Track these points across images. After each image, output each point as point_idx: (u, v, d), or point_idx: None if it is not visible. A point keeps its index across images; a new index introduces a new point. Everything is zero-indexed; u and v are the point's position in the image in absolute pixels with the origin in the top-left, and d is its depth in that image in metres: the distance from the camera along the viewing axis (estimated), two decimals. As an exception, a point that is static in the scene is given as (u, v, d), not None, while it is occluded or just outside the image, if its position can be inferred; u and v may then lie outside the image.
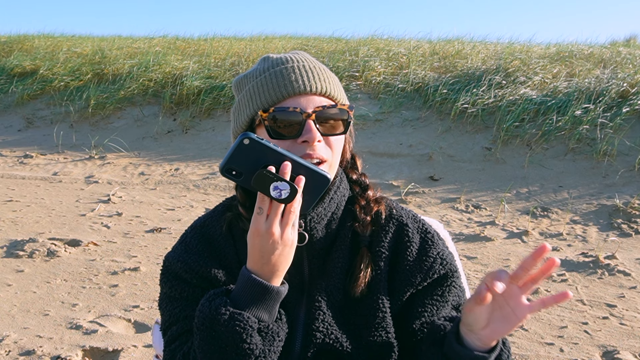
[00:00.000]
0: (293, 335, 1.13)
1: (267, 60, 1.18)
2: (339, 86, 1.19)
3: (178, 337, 1.13)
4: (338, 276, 1.15)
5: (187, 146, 7.44)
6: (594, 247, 4.25)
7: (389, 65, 8.28)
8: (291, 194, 0.96)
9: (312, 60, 1.19)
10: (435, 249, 1.20)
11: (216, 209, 1.26)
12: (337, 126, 1.13)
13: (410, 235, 1.20)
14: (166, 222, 4.97)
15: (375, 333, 1.13)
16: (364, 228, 1.18)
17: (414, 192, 5.62)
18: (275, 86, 1.11)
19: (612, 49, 9.03)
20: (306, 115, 1.09)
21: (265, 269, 1.00)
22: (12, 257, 4.05)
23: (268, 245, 0.98)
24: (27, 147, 7.89)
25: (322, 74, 1.15)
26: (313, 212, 1.14)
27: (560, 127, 6.24)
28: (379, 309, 1.14)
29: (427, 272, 1.17)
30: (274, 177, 0.96)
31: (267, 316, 1.01)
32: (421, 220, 1.25)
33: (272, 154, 0.98)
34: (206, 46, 10.34)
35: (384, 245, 1.18)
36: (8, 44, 11.68)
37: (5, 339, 2.86)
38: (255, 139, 0.97)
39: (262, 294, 1.00)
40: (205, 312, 1.00)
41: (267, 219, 0.98)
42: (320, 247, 1.17)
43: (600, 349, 2.82)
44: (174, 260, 1.18)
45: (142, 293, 3.48)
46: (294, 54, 1.19)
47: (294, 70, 1.13)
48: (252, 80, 1.16)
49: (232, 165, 0.98)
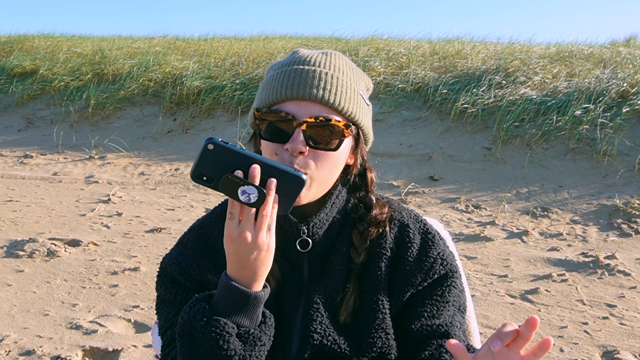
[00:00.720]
0: (290, 337, 1.12)
1: (293, 55, 1.15)
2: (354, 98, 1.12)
3: (172, 341, 1.12)
4: (337, 278, 1.15)
5: (187, 146, 7.44)
6: (594, 247, 4.25)
7: (389, 65, 8.28)
8: (260, 198, 0.94)
9: (335, 65, 1.13)
10: (436, 249, 1.19)
11: (214, 210, 1.25)
12: (329, 141, 1.08)
13: (412, 236, 1.19)
14: (166, 222, 4.97)
15: (375, 335, 1.12)
16: (358, 255, 1.15)
17: (414, 192, 5.62)
18: (280, 86, 1.09)
19: (612, 49, 9.03)
20: (297, 124, 1.05)
21: (242, 274, 0.99)
22: (12, 257, 4.05)
23: (242, 251, 0.96)
24: (27, 147, 7.89)
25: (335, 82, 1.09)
26: (316, 218, 1.13)
27: (560, 127, 6.24)
28: (378, 310, 1.13)
29: (427, 272, 1.16)
30: (240, 181, 0.93)
31: (247, 321, 1.00)
32: (422, 221, 1.25)
33: (239, 158, 0.95)
34: (206, 46, 10.34)
35: (385, 246, 1.18)
36: (8, 44, 11.68)
37: (5, 339, 2.86)
38: (219, 144, 0.94)
39: (239, 299, 0.99)
40: (185, 318, 1.00)
41: (240, 224, 0.96)
42: (321, 251, 1.16)
43: (600, 349, 2.82)
44: (170, 263, 1.17)
45: (142, 293, 3.48)
46: (322, 54, 1.14)
47: (305, 73, 1.08)
48: (273, 71, 1.15)
49: (201, 171, 0.95)
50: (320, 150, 1.08)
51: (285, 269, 1.16)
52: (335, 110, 1.08)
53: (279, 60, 1.18)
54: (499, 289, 3.54)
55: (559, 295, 3.45)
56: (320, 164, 1.08)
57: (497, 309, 3.27)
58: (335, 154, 1.10)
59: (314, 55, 1.13)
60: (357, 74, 1.17)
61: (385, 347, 1.13)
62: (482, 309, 3.25)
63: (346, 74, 1.13)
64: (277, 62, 1.17)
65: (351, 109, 1.10)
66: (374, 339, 1.12)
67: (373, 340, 1.12)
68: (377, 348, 1.12)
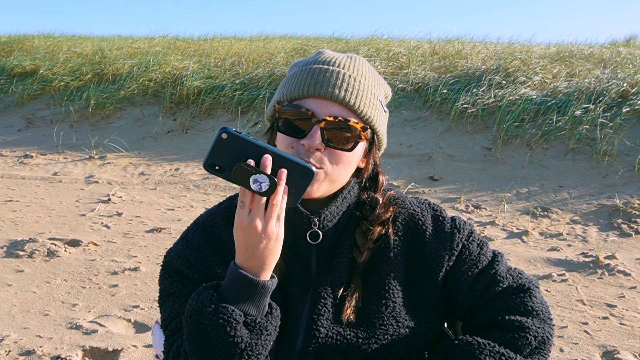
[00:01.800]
0: (296, 330, 1.14)
1: (318, 55, 1.19)
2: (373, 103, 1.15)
3: (177, 331, 1.14)
4: (344, 271, 1.16)
5: (187, 146, 7.44)
6: (594, 247, 4.25)
7: (389, 65, 8.28)
8: (271, 187, 0.96)
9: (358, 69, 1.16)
10: (448, 222, 1.23)
11: (220, 205, 1.27)
12: (346, 141, 1.11)
13: (423, 219, 1.23)
14: (166, 222, 4.98)
15: (387, 322, 1.14)
16: (360, 255, 1.17)
17: (414, 192, 5.62)
18: (303, 83, 1.11)
19: (612, 49, 9.03)
20: (316, 121, 1.08)
21: (251, 262, 1.00)
22: (12, 257, 4.05)
23: (252, 239, 0.98)
24: (27, 147, 7.89)
25: (357, 85, 1.12)
26: (327, 210, 1.15)
27: (560, 127, 6.24)
28: (389, 298, 1.15)
29: (450, 246, 1.20)
30: (252, 170, 0.95)
31: (254, 310, 1.02)
32: (426, 201, 1.29)
33: (252, 148, 0.97)
34: (206, 46, 10.34)
35: (389, 240, 1.19)
36: (8, 44, 11.68)
37: (5, 339, 2.86)
38: (233, 133, 0.96)
39: (247, 287, 1.00)
40: (192, 305, 1.02)
41: (250, 213, 0.98)
42: (329, 244, 1.18)
43: (600, 349, 2.82)
44: (175, 256, 1.19)
45: (142, 293, 3.48)
46: (346, 57, 1.17)
47: (328, 73, 1.11)
48: (297, 68, 1.18)
49: (214, 160, 0.97)
50: (336, 150, 1.11)
51: (291, 262, 1.17)
52: (354, 112, 1.11)
53: (304, 59, 1.21)
54: (499, 289, 3.54)
55: (559, 295, 3.45)
56: (334, 162, 1.11)
57: (497, 309, 3.27)
58: (350, 155, 1.13)
59: (339, 57, 1.16)
60: (378, 80, 1.21)
61: (395, 335, 1.14)
62: (482, 309, 3.25)
63: (368, 79, 1.16)
64: (302, 59, 1.20)
65: (370, 113, 1.14)
66: (386, 327, 1.14)
67: (385, 328, 1.13)
68: (389, 335, 1.13)
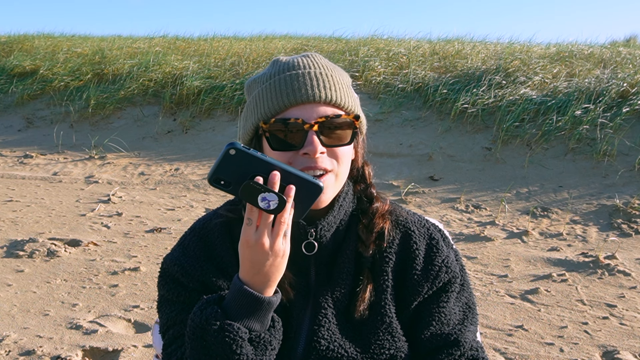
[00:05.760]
0: (296, 341, 1.13)
1: (275, 64, 1.15)
2: (349, 93, 1.14)
3: (174, 340, 1.13)
4: (344, 282, 1.15)
5: (187, 146, 7.44)
6: (594, 247, 4.25)
7: (389, 65, 8.28)
8: (280, 205, 0.94)
9: (322, 64, 1.15)
10: (440, 257, 1.20)
11: (216, 212, 1.25)
12: (343, 136, 1.10)
13: (418, 244, 1.20)
14: (166, 222, 4.97)
15: (383, 338, 1.13)
16: (367, 249, 1.16)
17: (414, 192, 5.62)
18: (279, 95, 1.09)
19: (612, 49, 9.03)
20: (308, 127, 1.06)
21: (256, 279, 0.99)
22: (12, 257, 4.05)
23: (258, 256, 0.97)
24: (27, 147, 7.89)
25: (329, 80, 1.11)
26: (324, 221, 1.14)
27: (560, 127, 6.24)
28: (385, 314, 1.14)
29: (433, 280, 1.17)
30: (261, 188, 0.93)
31: (258, 326, 1.01)
32: (426, 225, 1.25)
33: (260, 164, 0.96)
34: (206, 46, 10.33)
35: (390, 252, 1.18)
36: (8, 44, 11.67)
37: (5, 339, 2.86)
38: (241, 149, 0.95)
39: (253, 304, 0.99)
40: (196, 321, 1.00)
41: (257, 230, 0.96)
42: (327, 254, 1.17)
43: (600, 349, 2.82)
44: (172, 264, 1.18)
45: (142, 293, 3.48)
46: (304, 57, 1.15)
47: (299, 77, 1.09)
48: (259, 85, 1.14)
49: (219, 175, 0.96)
50: (336, 147, 1.10)
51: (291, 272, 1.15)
52: (338, 106, 1.10)
53: (260, 74, 1.17)
54: (499, 289, 3.54)
55: (559, 295, 3.45)
56: (339, 160, 1.11)
57: (497, 309, 3.27)
58: (349, 148, 1.13)
59: (300, 60, 1.14)
60: (338, 69, 1.19)
61: (393, 349, 1.13)
62: (482, 309, 3.25)
63: (333, 71, 1.15)
64: (258, 75, 1.17)
65: (349, 102, 1.13)
66: (382, 342, 1.12)
67: (381, 343, 1.12)
68: (385, 350, 1.13)
